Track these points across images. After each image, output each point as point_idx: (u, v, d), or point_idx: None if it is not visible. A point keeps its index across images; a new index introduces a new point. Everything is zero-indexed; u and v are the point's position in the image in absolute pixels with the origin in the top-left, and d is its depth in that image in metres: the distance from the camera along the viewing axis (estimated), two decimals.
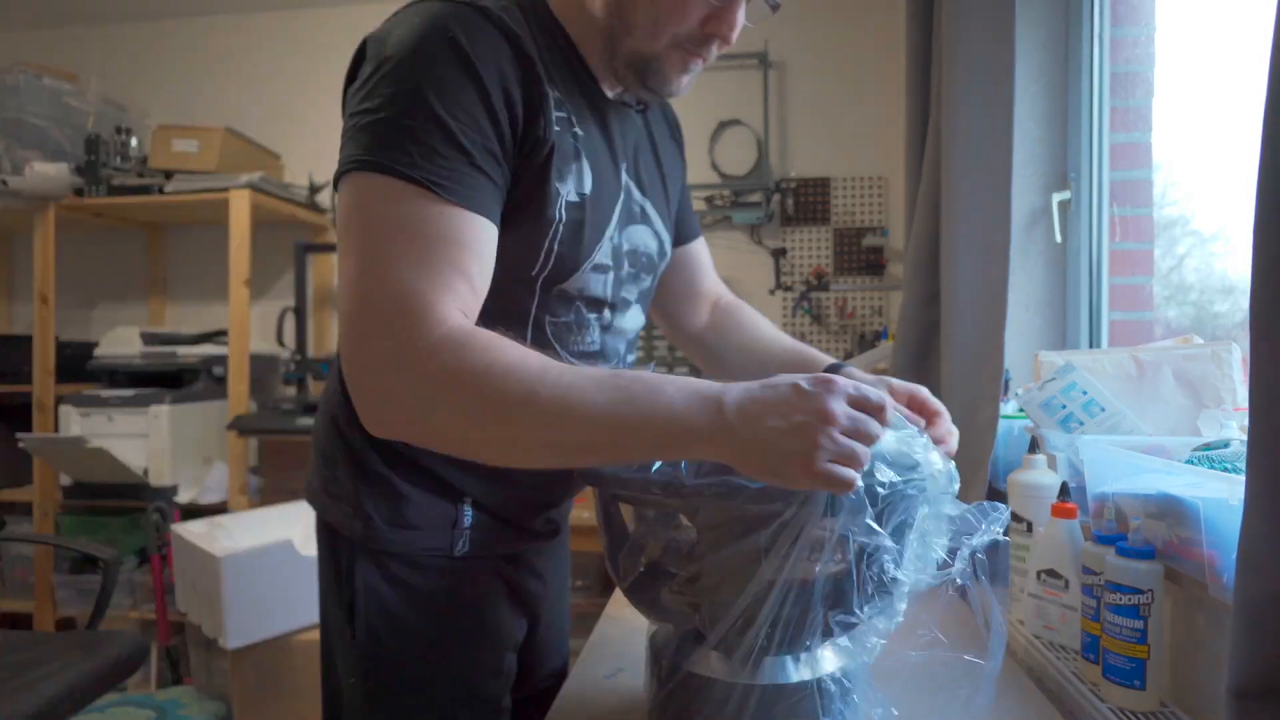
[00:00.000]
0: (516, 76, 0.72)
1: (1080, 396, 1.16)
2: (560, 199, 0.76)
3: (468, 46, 0.69)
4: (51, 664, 1.52)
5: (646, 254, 0.89)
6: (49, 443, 2.43)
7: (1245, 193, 0.60)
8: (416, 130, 0.67)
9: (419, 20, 0.70)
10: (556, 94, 0.76)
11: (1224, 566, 0.77)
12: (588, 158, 0.79)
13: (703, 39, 0.77)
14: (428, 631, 0.83)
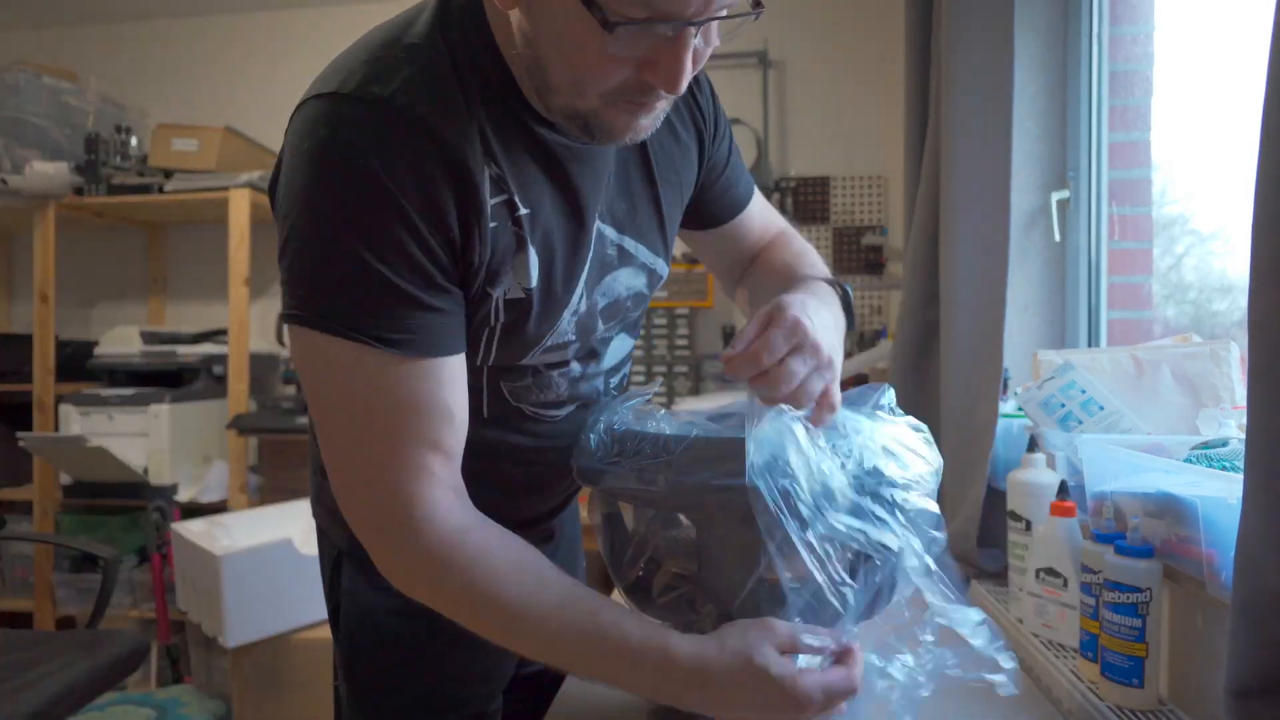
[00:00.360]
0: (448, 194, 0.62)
1: (1079, 395, 1.17)
2: (493, 301, 0.67)
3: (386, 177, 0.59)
4: (52, 663, 1.52)
5: (632, 295, 0.80)
6: (49, 442, 2.44)
7: (1244, 191, 0.60)
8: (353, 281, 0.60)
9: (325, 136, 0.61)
10: (494, 171, 0.65)
11: (1222, 565, 0.78)
12: (534, 243, 0.68)
13: (642, 88, 0.61)
14: (408, 638, 0.80)
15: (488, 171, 0.64)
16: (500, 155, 0.65)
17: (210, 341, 2.71)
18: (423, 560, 0.64)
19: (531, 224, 0.67)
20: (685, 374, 2.64)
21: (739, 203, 0.91)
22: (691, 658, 0.62)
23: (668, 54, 0.57)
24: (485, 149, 0.64)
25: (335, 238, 0.61)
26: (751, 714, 0.62)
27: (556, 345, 0.75)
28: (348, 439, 0.64)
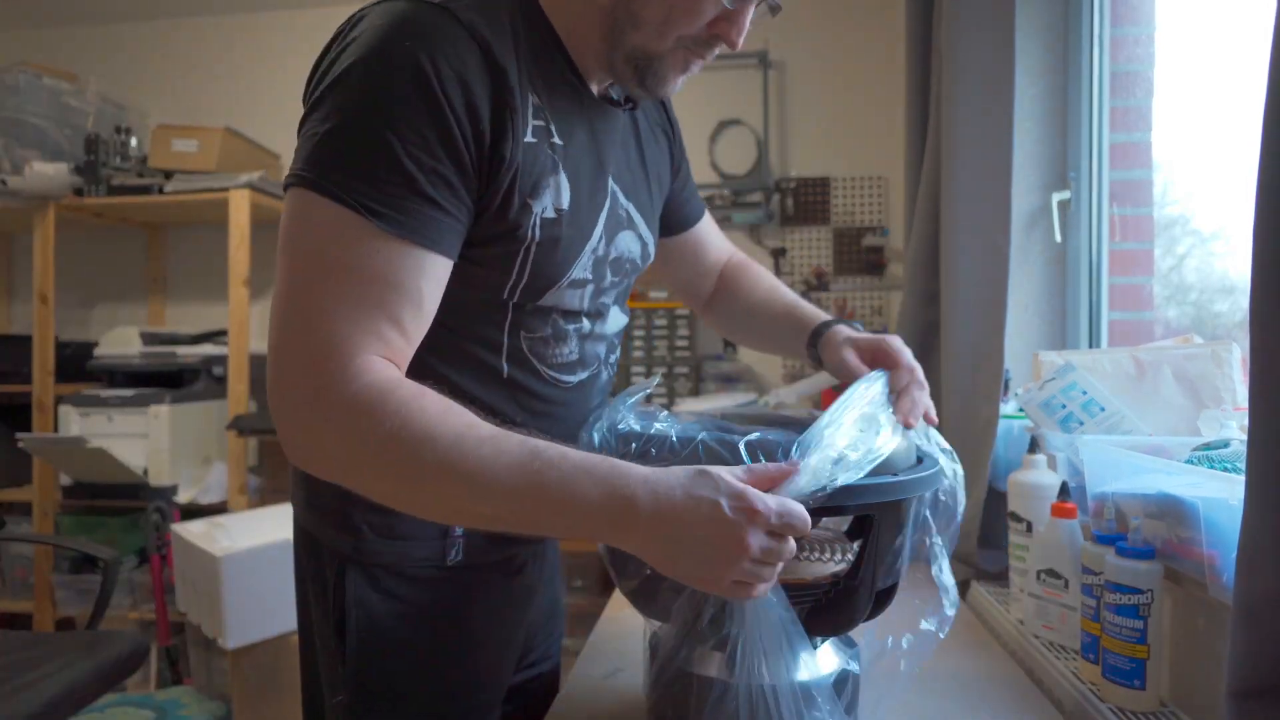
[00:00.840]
0: (484, 90, 0.66)
1: (1080, 396, 1.17)
2: (533, 216, 0.71)
3: (426, 61, 0.63)
4: (51, 664, 1.52)
5: (630, 259, 0.85)
6: (49, 442, 2.44)
7: (1245, 192, 0.60)
8: (367, 150, 0.62)
9: (380, 24, 0.65)
10: (536, 100, 0.71)
11: (1224, 566, 0.77)
12: (566, 169, 0.73)
13: (707, 40, 0.73)
14: (420, 645, 0.79)
15: (530, 98, 0.70)
16: (542, 89, 0.72)
17: (210, 342, 2.71)
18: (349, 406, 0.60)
19: (565, 154, 0.73)
20: (686, 374, 2.64)
21: (697, 213, 1.03)
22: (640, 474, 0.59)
23: (738, 15, 0.71)
24: (529, 79, 0.70)
25: (362, 111, 0.63)
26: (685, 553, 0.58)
27: (577, 281, 0.78)
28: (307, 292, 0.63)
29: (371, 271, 0.62)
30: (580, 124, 0.76)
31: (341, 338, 0.61)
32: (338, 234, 0.62)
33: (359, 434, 0.60)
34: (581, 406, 0.83)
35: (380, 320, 0.63)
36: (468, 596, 0.81)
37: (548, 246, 0.73)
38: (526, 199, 0.70)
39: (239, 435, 2.45)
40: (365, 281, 0.62)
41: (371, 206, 0.62)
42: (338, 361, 0.61)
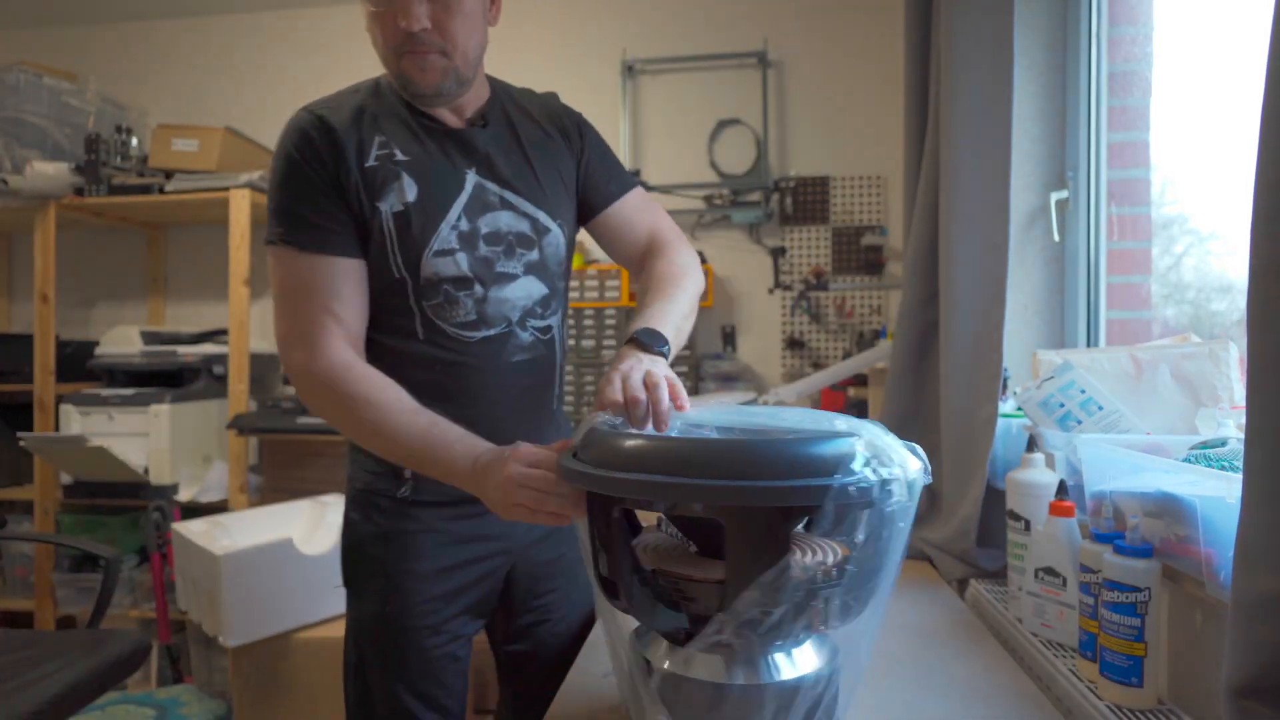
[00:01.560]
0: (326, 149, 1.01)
1: (1078, 395, 1.17)
2: (381, 214, 1.02)
3: (289, 147, 1.01)
4: (53, 662, 1.52)
5: (513, 233, 1.08)
6: (49, 441, 2.44)
7: (1243, 191, 0.60)
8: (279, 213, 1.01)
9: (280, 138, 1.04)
10: (381, 138, 1.03)
11: (1221, 564, 0.78)
12: (409, 173, 1.03)
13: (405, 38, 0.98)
14: (383, 558, 1.08)
15: (376, 138, 1.03)
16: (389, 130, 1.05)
17: (210, 341, 2.72)
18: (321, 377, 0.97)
19: (408, 165, 1.03)
20: (684, 373, 2.64)
21: (611, 195, 1.20)
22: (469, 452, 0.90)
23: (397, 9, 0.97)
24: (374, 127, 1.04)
25: (275, 188, 1.02)
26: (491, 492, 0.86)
27: (444, 250, 1.04)
28: (282, 304, 1.01)
29: (307, 285, 1.00)
30: (426, 144, 1.05)
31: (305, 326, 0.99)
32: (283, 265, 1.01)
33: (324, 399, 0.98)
34: (496, 358, 1.07)
35: (323, 316, 0.99)
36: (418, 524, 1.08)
37: (403, 229, 1.02)
38: (374, 203, 1.01)
39: (239, 434, 2.45)
40: (305, 294, 1.00)
41: (290, 239, 1.00)
42: (309, 344, 0.98)
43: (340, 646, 1.15)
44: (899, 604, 1.20)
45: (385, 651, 1.07)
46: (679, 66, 2.78)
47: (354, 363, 0.97)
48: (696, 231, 2.78)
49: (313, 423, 2.35)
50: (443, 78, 1.01)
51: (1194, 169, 1.50)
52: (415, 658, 1.07)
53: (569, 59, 2.87)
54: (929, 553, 1.37)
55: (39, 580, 2.64)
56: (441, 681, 1.08)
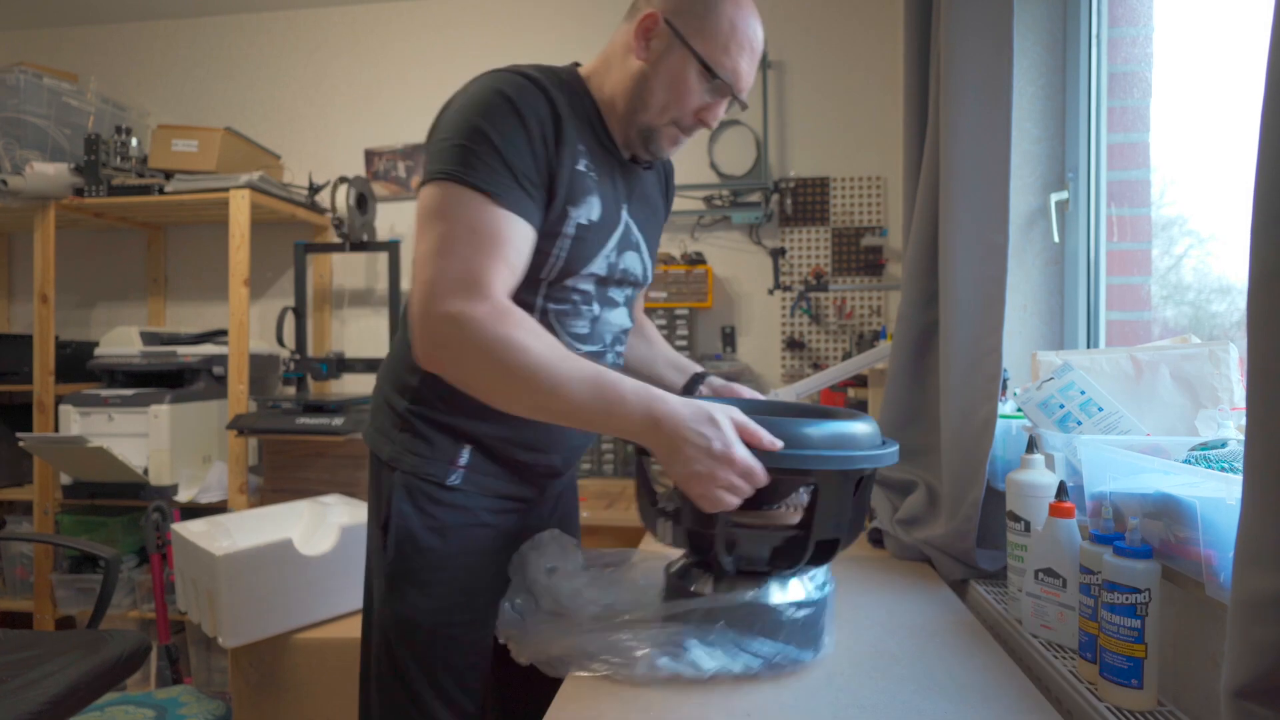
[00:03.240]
0: (551, 126, 0.98)
1: (1078, 396, 1.17)
2: (571, 220, 1.02)
3: (516, 99, 0.96)
4: (52, 663, 1.52)
5: (633, 274, 1.16)
6: (49, 442, 2.44)
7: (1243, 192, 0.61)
8: (480, 154, 0.93)
9: (479, 82, 0.99)
10: (581, 146, 1.03)
11: (1221, 566, 0.78)
12: (598, 194, 1.05)
13: (692, 123, 1.07)
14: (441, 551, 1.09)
15: (579, 144, 1.03)
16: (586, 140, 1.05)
17: (210, 342, 2.72)
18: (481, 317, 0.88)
19: (598, 184, 1.05)
20: None
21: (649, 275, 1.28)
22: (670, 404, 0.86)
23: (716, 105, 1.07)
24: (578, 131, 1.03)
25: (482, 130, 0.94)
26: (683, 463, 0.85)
27: (593, 274, 1.08)
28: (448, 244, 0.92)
29: (494, 230, 0.93)
30: (608, 171, 1.08)
31: (479, 269, 0.91)
32: (470, 207, 0.93)
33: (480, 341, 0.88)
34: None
35: (500, 262, 0.93)
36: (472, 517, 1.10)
37: (578, 243, 1.04)
38: (567, 206, 1.01)
39: (239, 435, 2.45)
40: (490, 237, 0.93)
41: (492, 189, 0.93)
42: (478, 286, 0.90)
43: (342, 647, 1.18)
44: (899, 604, 1.20)
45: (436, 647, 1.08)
46: None
47: (513, 306, 0.91)
48: (696, 232, 2.78)
49: (313, 423, 2.35)
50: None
51: (1194, 170, 1.50)
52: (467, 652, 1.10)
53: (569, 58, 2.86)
54: (929, 553, 1.37)
55: (38, 581, 2.64)
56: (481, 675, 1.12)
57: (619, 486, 2.49)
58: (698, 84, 1.04)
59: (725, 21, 1.01)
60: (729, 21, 1.02)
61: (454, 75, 2.92)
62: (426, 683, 1.08)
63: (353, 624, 1.80)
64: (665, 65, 1.03)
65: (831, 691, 0.90)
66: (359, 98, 2.97)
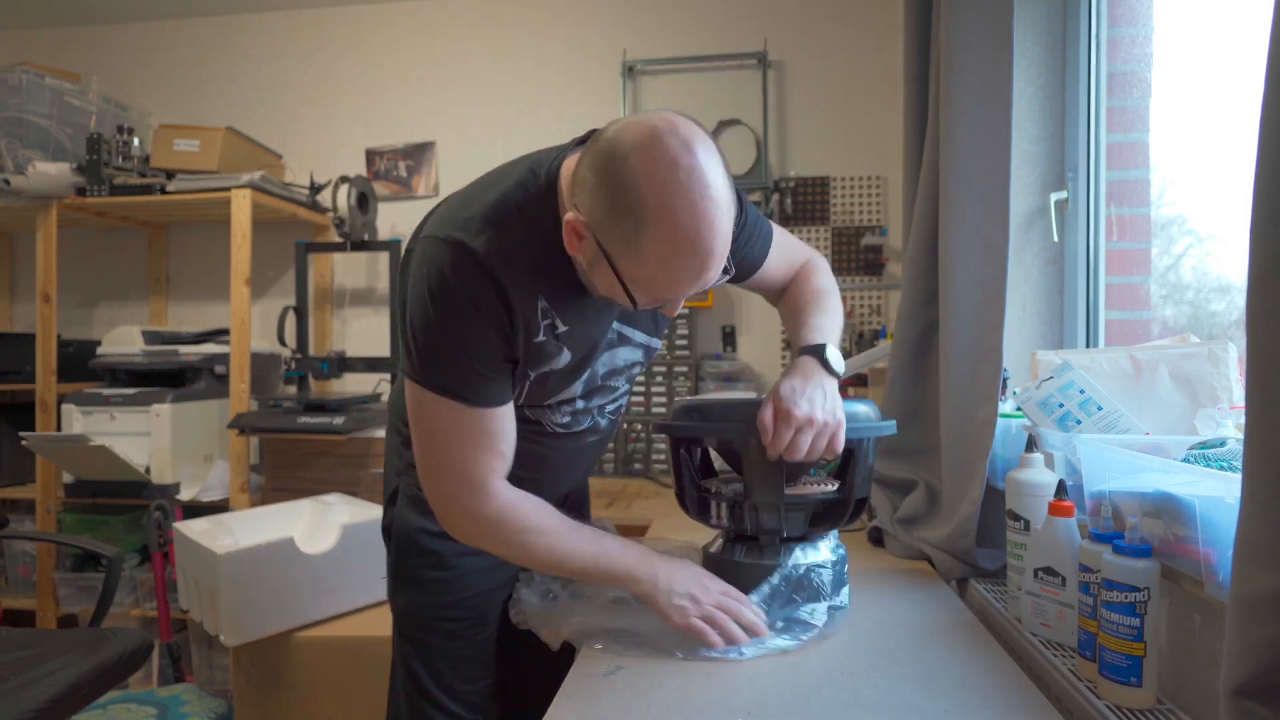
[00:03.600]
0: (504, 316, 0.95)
1: (1078, 395, 1.17)
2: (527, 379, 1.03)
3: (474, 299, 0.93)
4: (55, 661, 1.53)
5: (629, 364, 1.16)
6: (51, 441, 2.44)
7: (1242, 192, 0.61)
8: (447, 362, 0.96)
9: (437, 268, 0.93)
10: (544, 304, 0.98)
11: (1220, 564, 0.78)
12: (568, 345, 1.03)
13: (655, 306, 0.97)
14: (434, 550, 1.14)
15: (539, 305, 0.97)
16: (551, 295, 0.98)
17: (212, 341, 2.72)
18: (494, 518, 1.00)
19: (569, 335, 1.02)
20: (685, 374, 2.65)
21: (755, 264, 1.21)
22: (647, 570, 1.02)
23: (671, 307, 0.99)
24: (539, 290, 0.97)
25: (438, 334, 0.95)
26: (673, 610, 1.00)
27: (563, 400, 1.11)
28: (442, 450, 0.99)
29: (476, 428, 0.99)
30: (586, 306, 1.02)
31: (475, 473, 0.99)
32: (448, 414, 0.98)
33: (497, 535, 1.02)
34: (576, 442, 1.19)
35: (491, 455, 1.00)
36: None
37: (539, 385, 1.05)
38: (528, 370, 1.02)
39: (240, 434, 2.46)
40: (475, 434, 0.99)
41: (463, 396, 0.97)
42: (478, 490, 0.99)
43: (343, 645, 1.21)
44: (899, 604, 1.20)
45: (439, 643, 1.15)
46: (679, 67, 2.79)
47: (519, 498, 1.01)
48: None
49: (314, 422, 2.36)
50: None
51: (1193, 169, 1.50)
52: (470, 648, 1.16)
53: (569, 60, 2.87)
54: (929, 552, 1.38)
55: (41, 579, 2.65)
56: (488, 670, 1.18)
57: (619, 486, 2.49)
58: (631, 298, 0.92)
59: (652, 254, 0.85)
60: (656, 254, 0.84)
61: (455, 75, 2.93)
62: (431, 678, 1.15)
63: (353, 622, 1.81)
64: (598, 270, 0.92)
65: (832, 690, 0.90)
66: (360, 97, 2.97)
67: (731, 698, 0.89)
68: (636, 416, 2.66)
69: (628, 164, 0.83)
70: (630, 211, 0.83)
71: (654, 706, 0.87)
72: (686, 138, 0.84)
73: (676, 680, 0.94)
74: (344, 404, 2.46)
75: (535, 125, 2.86)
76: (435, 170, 2.94)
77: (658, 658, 1.00)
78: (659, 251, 0.84)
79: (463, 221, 0.94)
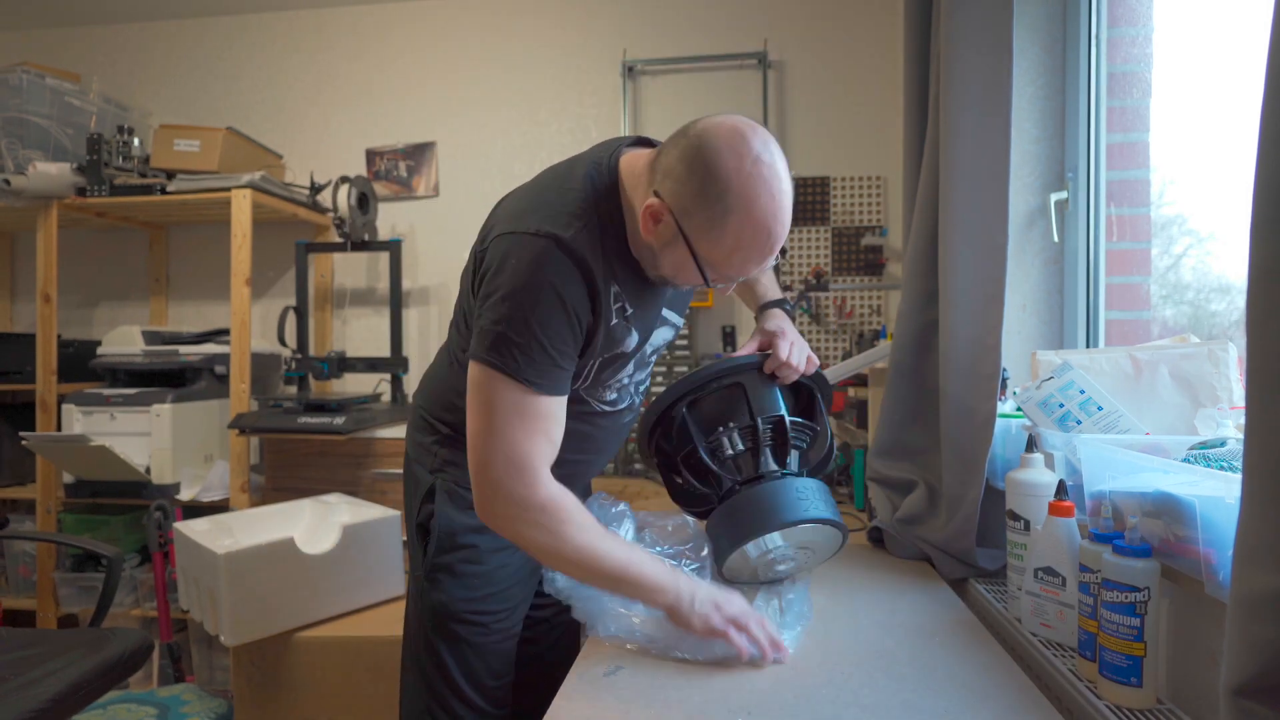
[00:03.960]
0: (588, 305, 1.02)
1: (1078, 395, 1.17)
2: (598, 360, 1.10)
3: (563, 292, 0.99)
4: (55, 661, 1.53)
5: (664, 342, 1.24)
6: (52, 441, 2.44)
7: (1242, 192, 0.61)
8: (528, 351, 0.99)
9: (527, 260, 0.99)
10: (616, 288, 1.06)
11: (1220, 564, 0.78)
12: (635, 326, 1.11)
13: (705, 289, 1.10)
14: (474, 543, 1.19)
15: (613, 290, 1.05)
16: (621, 277, 1.06)
17: (212, 341, 2.72)
18: (540, 505, 1.00)
19: (636, 317, 1.11)
20: (685, 374, 2.65)
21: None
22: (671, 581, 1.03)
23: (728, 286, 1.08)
24: (613, 277, 1.05)
25: (527, 322, 0.99)
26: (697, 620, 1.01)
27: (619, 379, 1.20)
28: (499, 434, 1.01)
29: (534, 412, 1.01)
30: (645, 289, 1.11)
31: (526, 454, 1.00)
32: (513, 394, 1.00)
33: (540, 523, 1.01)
34: (618, 420, 1.27)
35: (543, 440, 1.02)
36: None
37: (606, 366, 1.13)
38: (602, 353, 1.09)
39: (241, 434, 2.46)
40: (532, 418, 1.01)
41: (532, 380, 1.00)
42: (528, 472, 1.00)
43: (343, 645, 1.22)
44: (899, 604, 1.20)
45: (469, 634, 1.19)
46: (679, 67, 2.79)
47: (564, 490, 1.03)
48: None
49: (314, 422, 2.36)
50: None
51: (1193, 170, 1.50)
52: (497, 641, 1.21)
53: (569, 60, 2.87)
54: (929, 552, 1.38)
55: (41, 579, 2.65)
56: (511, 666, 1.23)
57: (619, 485, 2.49)
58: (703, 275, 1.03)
59: (731, 237, 0.96)
60: (734, 237, 0.96)
61: (455, 76, 2.93)
62: (459, 668, 1.20)
63: (354, 622, 1.81)
64: (670, 252, 1.02)
65: (831, 690, 0.90)
66: (361, 98, 2.98)
67: (731, 698, 0.89)
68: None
69: (719, 155, 0.94)
70: (719, 199, 0.94)
71: (654, 706, 0.87)
72: (766, 139, 0.97)
73: (676, 680, 0.94)
74: (344, 404, 2.46)
75: (535, 125, 2.86)
76: (435, 170, 2.94)
77: (658, 658, 1.00)
78: (738, 235, 0.96)
79: (549, 216, 1.02)
